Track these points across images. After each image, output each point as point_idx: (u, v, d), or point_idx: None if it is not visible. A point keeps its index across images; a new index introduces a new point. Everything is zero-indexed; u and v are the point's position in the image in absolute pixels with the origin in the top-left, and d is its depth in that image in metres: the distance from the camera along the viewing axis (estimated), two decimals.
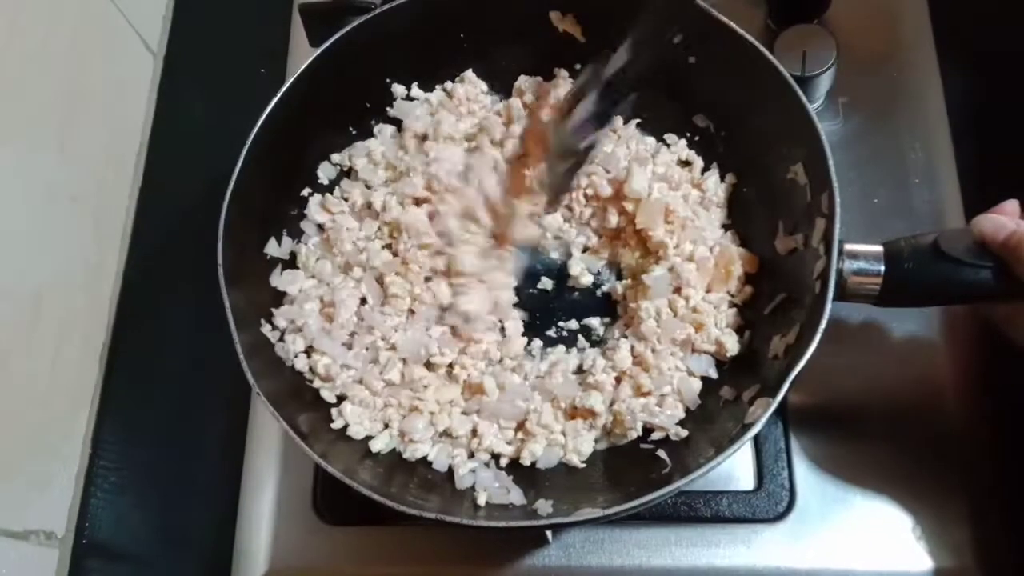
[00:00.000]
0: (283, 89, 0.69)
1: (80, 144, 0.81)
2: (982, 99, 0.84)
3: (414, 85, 0.80)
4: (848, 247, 0.62)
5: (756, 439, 0.72)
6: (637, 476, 0.66)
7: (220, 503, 0.75)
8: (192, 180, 0.87)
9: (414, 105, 0.79)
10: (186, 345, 0.82)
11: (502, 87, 0.81)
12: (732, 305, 0.71)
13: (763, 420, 0.58)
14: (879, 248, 0.62)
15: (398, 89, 0.79)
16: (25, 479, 0.72)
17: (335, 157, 0.78)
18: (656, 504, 0.70)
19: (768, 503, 0.71)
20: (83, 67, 0.81)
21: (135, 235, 0.87)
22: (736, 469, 0.72)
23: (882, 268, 0.61)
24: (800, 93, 0.65)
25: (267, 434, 0.76)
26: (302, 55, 0.71)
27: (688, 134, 0.78)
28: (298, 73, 0.70)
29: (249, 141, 0.67)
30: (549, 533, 0.69)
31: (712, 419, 0.67)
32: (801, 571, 0.70)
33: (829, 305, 0.59)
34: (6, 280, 0.70)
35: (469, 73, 0.80)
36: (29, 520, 0.72)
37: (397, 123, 0.80)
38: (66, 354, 0.77)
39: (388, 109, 0.79)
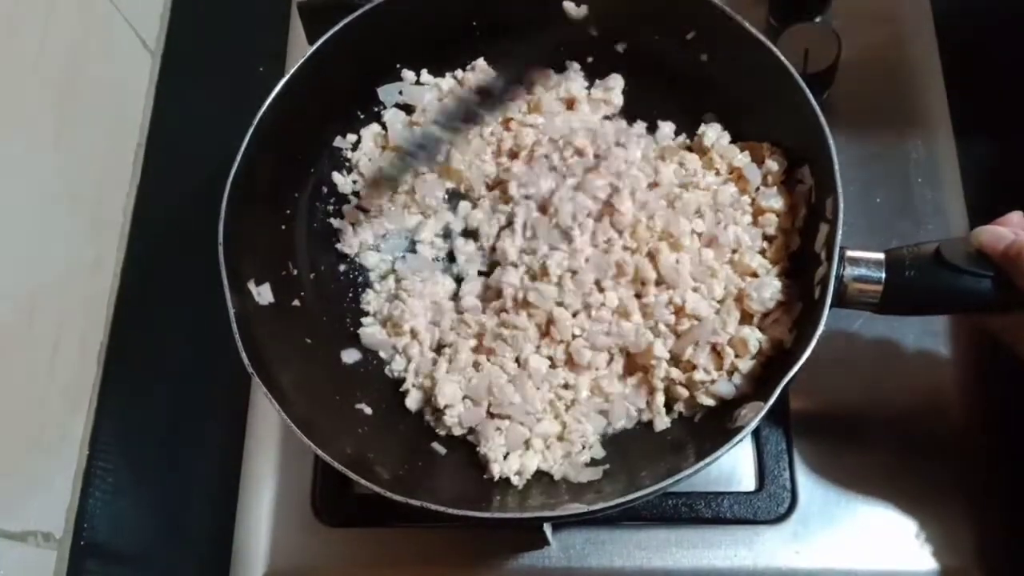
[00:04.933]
0: (290, 73, 0.69)
1: (78, 143, 0.80)
2: (984, 96, 0.84)
3: (424, 71, 0.80)
4: (850, 253, 0.61)
5: (757, 440, 0.72)
6: (623, 476, 0.66)
7: (219, 504, 0.75)
8: (191, 179, 0.87)
9: (424, 90, 0.79)
10: (184, 345, 0.82)
11: (513, 77, 0.80)
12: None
13: (752, 425, 0.58)
14: (880, 255, 0.61)
15: (408, 74, 0.79)
16: (23, 480, 0.72)
17: (339, 141, 0.79)
18: (654, 504, 0.70)
19: (769, 504, 0.71)
20: (81, 66, 0.81)
21: (133, 234, 0.87)
22: (737, 470, 0.72)
23: (883, 275, 0.61)
24: (810, 96, 0.64)
25: (266, 435, 0.76)
26: (301, 54, 0.71)
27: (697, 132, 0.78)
28: (304, 59, 0.70)
29: (251, 131, 0.67)
30: (549, 533, 0.69)
31: (703, 420, 0.67)
32: (802, 572, 0.69)
33: (827, 311, 0.59)
34: (3, 280, 0.70)
35: (480, 62, 0.80)
36: (27, 521, 0.72)
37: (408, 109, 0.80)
38: (64, 354, 0.77)
39: (399, 95, 0.79)
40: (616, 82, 0.78)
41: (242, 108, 0.68)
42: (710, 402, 0.66)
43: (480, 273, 0.75)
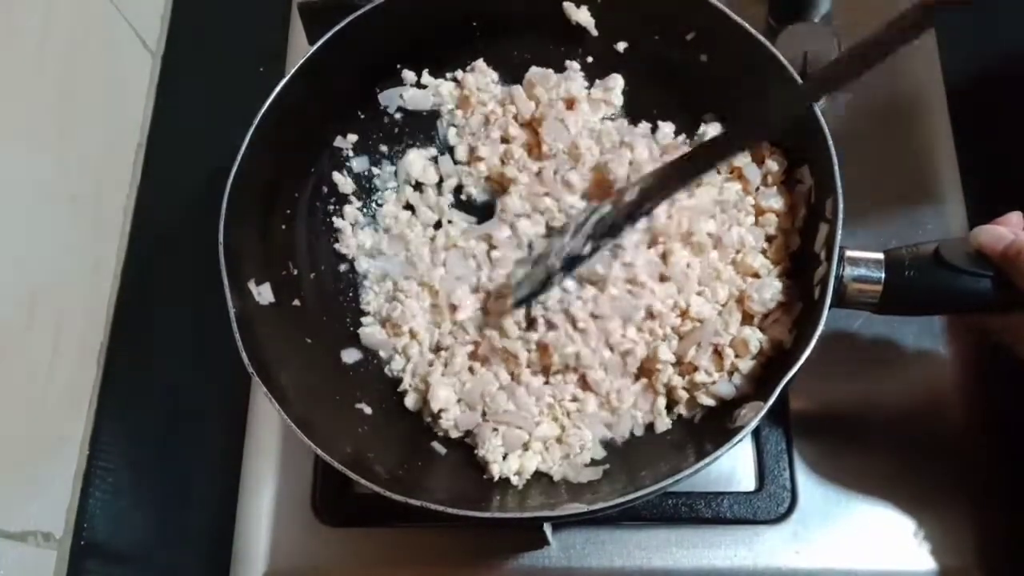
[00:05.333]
0: (290, 73, 0.69)
1: (78, 144, 0.80)
2: (984, 96, 0.84)
3: (424, 72, 0.80)
4: (849, 253, 0.61)
5: (757, 440, 0.72)
6: (623, 476, 0.66)
7: (219, 504, 0.75)
8: (191, 180, 0.87)
9: (426, 93, 0.79)
10: (184, 345, 0.82)
11: (512, 78, 0.80)
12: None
13: (752, 425, 0.58)
14: (880, 255, 0.62)
15: (408, 75, 0.79)
16: (23, 480, 0.72)
17: (339, 141, 0.78)
18: (654, 504, 0.70)
19: (769, 504, 0.71)
20: (81, 67, 0.81)
21: (133, 235, 0.87)
22: (737, 470, 0.72)
23: (883, 275, 0.61)
24: None
25: (266, 435, 0.76)
26: (301, 54, 0.71)
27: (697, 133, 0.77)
28: (304, 59, 0.70)
29: (251, 131, 0.67)
30: (549, 533, 0.69)
31: (703, 420, 0.67)
32: (802, 572, 0.70)
33: (826, 311, 0.59)
34: (3, 280, 0.70)
35: (480, 63, 0.80)
36: (27, 521, 0.72)
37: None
38: (64, 354, 0.77)
39: (400, 99, 0.79)
40: (616, 82, 0.78)
41: (242, 108, 0.68)
42: (710, 402, 0.66)
43: None
